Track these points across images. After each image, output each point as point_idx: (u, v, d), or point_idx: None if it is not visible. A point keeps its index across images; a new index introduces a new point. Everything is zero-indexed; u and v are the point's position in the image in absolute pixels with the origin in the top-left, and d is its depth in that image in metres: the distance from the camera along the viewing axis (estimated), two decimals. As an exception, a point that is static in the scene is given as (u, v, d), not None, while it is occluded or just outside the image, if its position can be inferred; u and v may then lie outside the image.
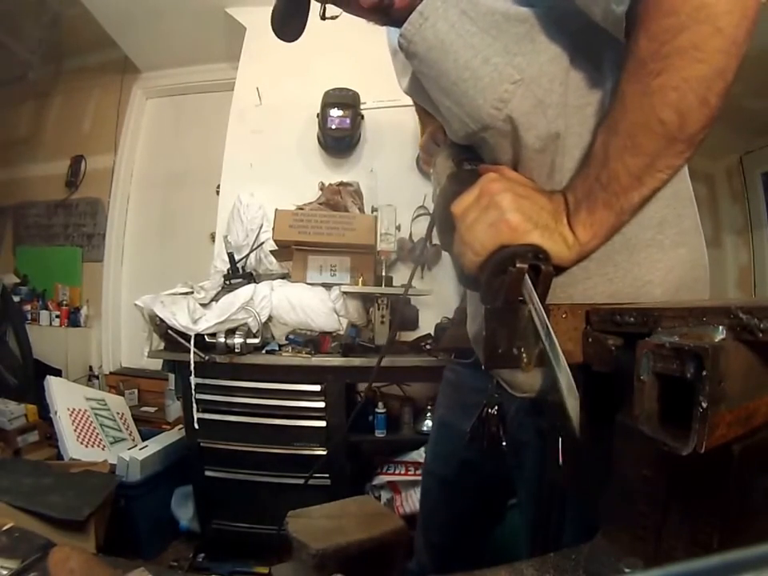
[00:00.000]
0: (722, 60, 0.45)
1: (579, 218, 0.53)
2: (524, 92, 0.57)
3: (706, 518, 0.41)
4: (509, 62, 0.56)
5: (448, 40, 0.57)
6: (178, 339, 1.89)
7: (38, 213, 3.62)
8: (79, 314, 3.32)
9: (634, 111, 0.48)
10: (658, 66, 0.46)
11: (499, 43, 0.56)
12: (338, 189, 2.39)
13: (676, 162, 0.49)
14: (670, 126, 0.47)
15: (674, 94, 0.46)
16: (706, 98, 0.46)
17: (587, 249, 0.53)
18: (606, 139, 0.51)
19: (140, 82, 3.46)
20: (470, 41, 0.57)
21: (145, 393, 3.08)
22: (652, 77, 0.46)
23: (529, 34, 0.56)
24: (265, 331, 2.01)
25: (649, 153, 0.48)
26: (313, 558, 0.96)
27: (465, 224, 0.53)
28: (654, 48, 0.46)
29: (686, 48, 0.44)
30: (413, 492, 1.99)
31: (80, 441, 2.23)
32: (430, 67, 0.60)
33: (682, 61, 0.45)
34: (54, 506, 1.62)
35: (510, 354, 0.49)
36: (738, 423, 0.36)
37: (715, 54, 0.44)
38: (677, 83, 0.45)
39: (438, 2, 0.58)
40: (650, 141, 0.48)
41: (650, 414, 0.38)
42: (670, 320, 0.40)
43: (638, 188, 0.50)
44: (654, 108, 0.47)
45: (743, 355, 0.36)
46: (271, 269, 2.31)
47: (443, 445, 1.03)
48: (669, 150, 0.48)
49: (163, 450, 2.13)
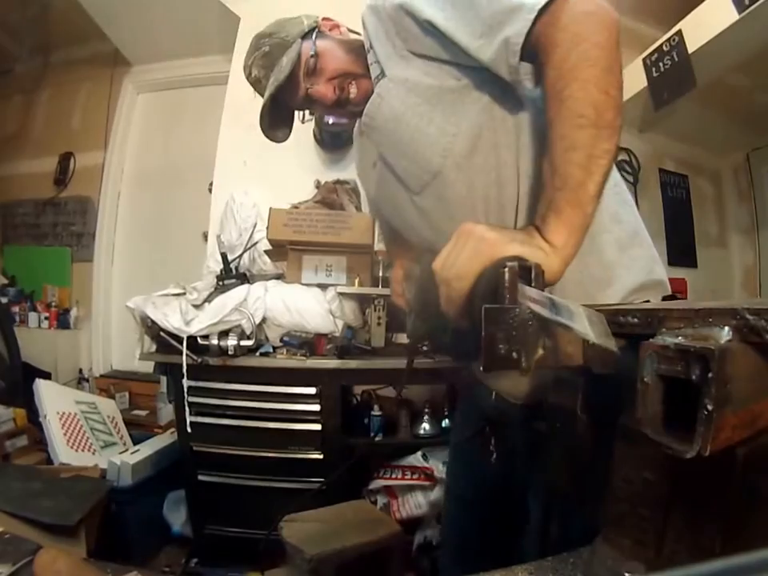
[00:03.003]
0: (606, 60, 0.60)
1: (549, 226, 0.59)
2: (461, 141, 0.75)
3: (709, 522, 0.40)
4: (447, 120, 0.75)
5: (400, 111, 0.77)
6: (169, 341, 1.87)
7: (25, 212, 3.58)
8: (69, 315, 3.29)
9: (561, 120, 0.61)
10: (563, 82, 0.60)
11: (438, 108, 0.75)
12: (334, 187, 2.37)
13: (607, 145, 0.59)
14: (589, 117, 0.59)
15: (582, 94, 0.59)
16: (606, 90, 0.59)
17: (566, 252, 0.59)
18: (549, 157, 0.62)
19: (131, 76, 3.43)
20: (417, 110, 0.76)
21: (136, 396, 3.05)
22: (563, 91, 0.60)
23: (459, 98, 0.74)
24: (259, 333, 1.99)
25: (585, 144, 0.59)
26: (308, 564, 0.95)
27: (447, 265, 0.57)
28: (557, 73, 0.61)
29: (577, 62, 0.60)
30: (409, 497, 1.98)
31: (70, 445, 2.20)
32: (388, 136, 0.80)
33: (578, 71, 0.60)
34: (44, 511, 1.60)
35: (509, 356, 0.48)
36: (743, 426, 0.36)
37: (599, 59, 0.59)
38: (581, 86, 0.59)
39: (390, 84, 0.77)
40: (580, 134, 0.59)
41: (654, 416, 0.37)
42: (674, 321, 0.39)
43: (589, 177, 0.59)
44: (572, 110, 0.59)
45: (749, 357, 0.36)
46: (265, 269, 2.29)
47: (461, 465, 1.05)
48: (598, 136, 0.59)
49: (155, 454, 2.11)
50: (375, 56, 0.80)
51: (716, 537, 0.40)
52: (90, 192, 3.40)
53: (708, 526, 0.40)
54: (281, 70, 0.85)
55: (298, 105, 0.92)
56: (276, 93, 0.86)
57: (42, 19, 3.28)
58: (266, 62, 0.89)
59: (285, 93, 0.87)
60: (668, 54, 2.11)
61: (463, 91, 0.74)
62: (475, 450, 0.96)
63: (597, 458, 0.50)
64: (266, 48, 0.90)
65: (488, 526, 1.02)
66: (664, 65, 2.15)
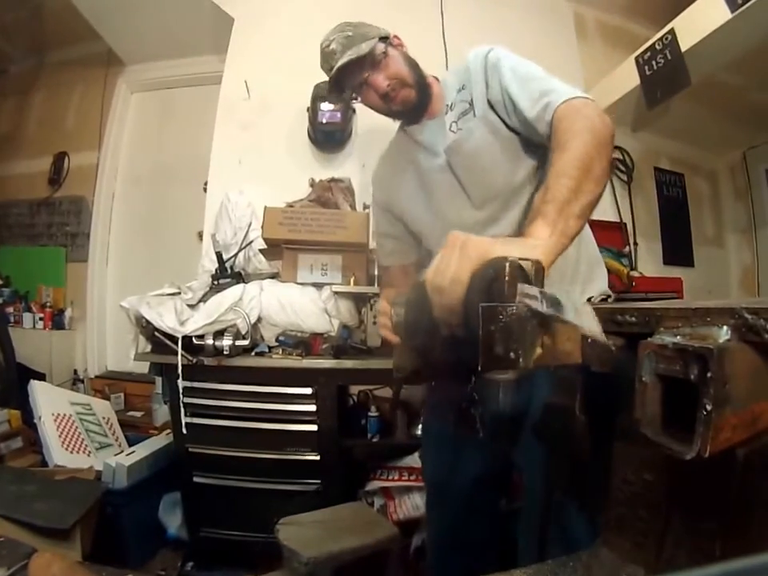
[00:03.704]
0: (601, 136, 0.80)
1: (535, 226, 0.67)
2: (518, 180, 1.06)
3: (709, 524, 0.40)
4: (510, 162, 1.06)
5: (482, 146, 1.05)
6: (165, 341, 1.86)
7: (19, 212, 3.55)
8: (63, 315, 3.26)
9: (561, 161, 0.76)
10: (569, 136, 0.81)
11: (506, 153, 1.05)
12: (329, 185, 2.36)
13: (594, 187, 0.75)
14: (583, 162, 0.75)
15: (581, 147, 0.77)
16: (598, 152, 0.77)
17: (551, 243, 0.66)
18: (544, 186, 0.75)
19: (125, 76, 3.41)
20: (493, 149, 1.05)
21: (131, 397, 3.03)
22: (567, 143, 0.79)
23: (518, 151, 1.05)
24: (254, 333, 1.98)
25: (576, 177, 0.73)
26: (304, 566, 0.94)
27: (439, 272, 0.60)
28: (566, 132, 0.83)
29: (582, 129, 0.81)
30: (406, 498, 1.97)
31: (65, 447, 2.19)
32: (468, 161, 1.07)
33: (580, 134, 0.80)
34: (39, 514, 1.60)
35: (507, 356, 0.47)
36: (743, 426, 0.35)
37: (597, 132, 0.80)
38: (581, 143, 0.78)
39: (480, 123, 1.05)
40: (574, 171, 0.74)
41: (652, 416, 0.37)
42: (672, 320, 0.39)
43: (576, 199, 0.71)
44: (570, 155, 0.77)
45: (748, 356, 0.35)
46: (260, 268, 2.28)
47: (441, 454, 1.17)
48: (587, 178, 0.74)
49: (150, 455, 2.09)
50: (470, 95, 1.06)
51: (716, 539, 0.39)
52: (84, 192, 3.37)
53: (708, 529, 0.40)
54: (359, 50, 1.04)
55: (352, 85, 1.09)
56: (344, 67, 1.04)
57: (36, 20, 3.27)
58: (346, 42, 1.05)
59: (348, 72, 1.06)
60: (661, 53, 2.11)
61: (519, 147, 1.04)
62: (458, 432, 1.07)
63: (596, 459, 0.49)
64: (349, 32, 1.06)
65: (473, 507, 1.15)
66: (657, 63, 2.16)
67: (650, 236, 2.92)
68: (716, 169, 3.33)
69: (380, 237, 1.33)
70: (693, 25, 1.98)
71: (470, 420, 1.07)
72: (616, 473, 0.47)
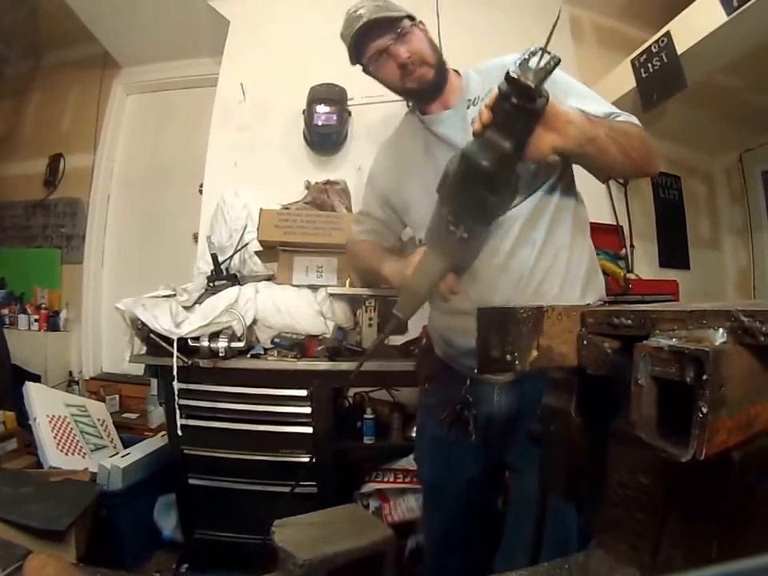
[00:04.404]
0: (649, 151, 1.03)
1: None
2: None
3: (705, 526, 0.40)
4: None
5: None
6: (160, 343, 1.85)
7: (15, 213, 3.54)
8: (58, 317, 3.25)
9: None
10: (618, 127, 0.97)
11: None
12: (324, 187, 2.36)
13: (619, 149, 0.93)
14: (626, 134, 0.96)
15: (631, 130, 1.00)
16: (640, 150, 0.99)
17: (579, 122, 0.85)
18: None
19: (120, 78, 3.40)
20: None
21: (126, 399, 3.02)
22: (618, 127, 0.96)
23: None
24: (249, 335, 1.97)
25: (614, 129, 0.94)
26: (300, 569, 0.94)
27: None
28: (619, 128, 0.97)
29: (630, 128, 1.01)
30: (401, 500, 1.97)
31: (60, 448, 2.18)
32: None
33: (636, 130, 1.01)
34: (34, 516, 1.60)
35: (503, 359, 0.47)
36: (738, 429, 0.35)
37: (648, 147, 1.02)
38: (627, 130, 0.98)
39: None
40: (616, 127, 0.95)
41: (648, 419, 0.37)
42: (668, 322, 0.39)
43: (595, 131, 0.88)
44: (619, 125, 0.99)
45: (744, 359, 0.35)
46: (256, 270, 2.27)
47: (436, 457, 1.20)
48: (622, 139, 0.93)
49: (146, 457, 2.08)
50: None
51: (712, 542, 0.39)
52: (79, 194, 3.36)
53: (704, 531, 0.40)
54: (389, 13, 1.05)
55: (373, 50, 1.07)
56: (370, 26, 1.04)
57: (32, 22, 3.26)
58: (375, 9, 1.05)
59: (372, 35, 1.06)
60: (657, 56, 2.12)
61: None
62: (452, 434, 1.11)
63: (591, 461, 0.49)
64: (379, 2, 1.07)
65: (469, 508, 1.17)
66: (653, 66, 2.16)
67: (647, 238, 2.92)
68: (712, 171, 3.34)
69: (363, 215, 1.31)
70: (689, 27, 1.99)
71: (463, 422, 1.09)
72: (611, 475, 0.47)
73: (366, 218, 1.29)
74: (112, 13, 2.84)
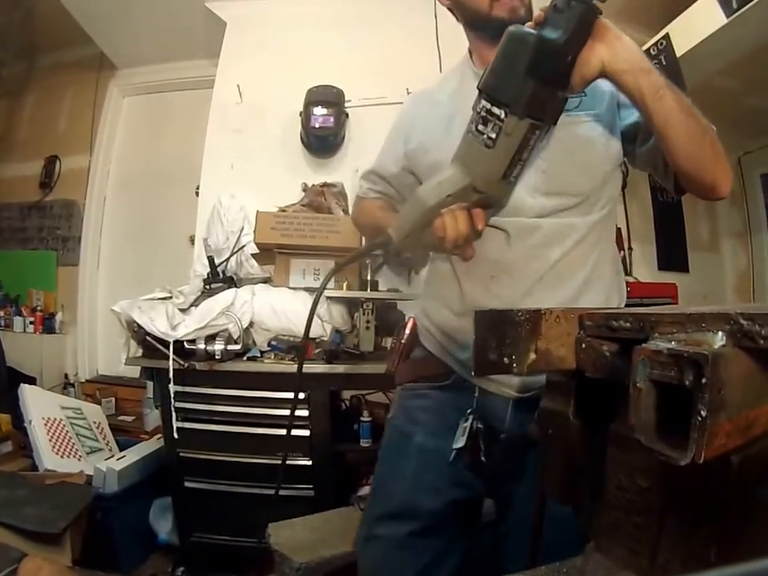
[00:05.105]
0: (715, 157, 0.89)
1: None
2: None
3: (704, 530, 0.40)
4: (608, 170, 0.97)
5: (593, 141, 0.93)
6: (156, 346, 1.85)
7: (10, 215, 3.53)
8: (54, 319, 3.23)
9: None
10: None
11: (609, 161, 0.96)
12: (321, 190, 2.36)
13: (697, 124, 0.86)
14: (694, 126, 0.86)
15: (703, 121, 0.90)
16: (709, 135, 0.89)
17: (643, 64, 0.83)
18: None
19: (116, 80, 3.39)
20: (599, 149, 0.94)
21: (122, 401, 3.01)
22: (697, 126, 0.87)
23: (616, 164, 1.00)
24: (246, 337, 1.97)
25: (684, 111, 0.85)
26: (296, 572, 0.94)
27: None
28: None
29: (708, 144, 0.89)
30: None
31: (55, 451, 2.17)
32: (570, 142, 0.91)
33: (703, 128, 0.88)
34: (29, 519, 1.59)
35: (501, 361, 0.47)
36: (737, 432, 0.35)
37: (711, 147, 0.89)
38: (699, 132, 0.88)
39: (594, 119, 0.94)
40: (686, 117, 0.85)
41: (647, 422, 0.36)
42: (667, 325, 0.39)
43: (658, 84, 0.83)
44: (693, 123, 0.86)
45: (743, 362, 0.35)
46: (253, 273, 2.27)
47: (431, 472, 0.96)
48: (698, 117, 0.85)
49: (141, 460, 2.07)
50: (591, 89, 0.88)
51: (711, 546, 0.39)
52: (75, 195, 3.35)
53: (703, 535, 0.39)
54: None
55: None
56: None
57: (28, 23, 3.25)
58: None
59: None
60: (656, 58, 2.12)
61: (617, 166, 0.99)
62: (464, 456, 0.93)
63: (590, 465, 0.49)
64: None
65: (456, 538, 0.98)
66: (652, 68, 2.16)
67: (645, 241, 2.92)
68: (711, 174, 3.35)
69: (375, 174, 1.16)
70: (688, 29, 1.98)
71: (476, 441, 0.92)
72: (610, 478, 0.46)
73: (378, 178, 1.15)
74: (108, 14, 2.83)
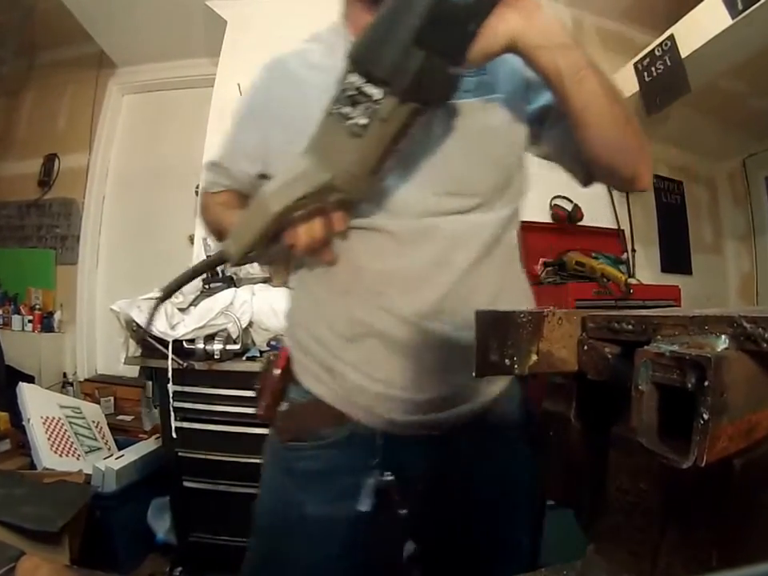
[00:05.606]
0: (636, 146, 0.74)
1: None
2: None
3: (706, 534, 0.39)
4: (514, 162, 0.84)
5: (503, 129, 0.79)
6: (155, 345, 1.84)
7: (9, 213, 3.53)
8: (53, 318, 3.23)
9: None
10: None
11: (516, 152, 0.84)
12: (320, 190, 2.35)
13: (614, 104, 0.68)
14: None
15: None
16: (626, 132, 0.71)
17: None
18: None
19: (116, 78, 3.39)
20: (510, 138, 0.81)
21: (121, 401, 3.00)
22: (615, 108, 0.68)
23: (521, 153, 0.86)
24: (245, 337, 1.96)
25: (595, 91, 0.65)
26: (294, 574, 0.93)
27: None
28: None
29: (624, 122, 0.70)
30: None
31: (54, 450, 2.17)
32: (477, 133, 0.76)
33: (627, 122, 0.70)
34: (27, 518, 1.58)
35: (502, 363, 0.47)
36: (739, 436, 0.35)
37: (633, 135, 0.73)
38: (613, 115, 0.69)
39: (503, 101, 0.79)
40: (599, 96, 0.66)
41: (648, 425, 0.36)
42: (670, 328, 0.38)
43: (578, 64, 0.62)
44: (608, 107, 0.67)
45: (746, 366, 0.35)
46: (252, 273, 2.26)
47: (326, 546, 0.83)
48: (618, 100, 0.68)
49: (140, 459, 2.07)
50: (495, 67, 0.75)
51: (712, 549, 0.39)
52: (74, 194, 3.35)
53: (704, 538, 0.39)
54: None
55: None
56: None
57: (27, 21, 3.24)
58: None
59: None
60: (660, 59, 2.11)
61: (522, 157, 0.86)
62: (378, 518, 0.79)
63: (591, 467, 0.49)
64: None
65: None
66: (656, 69, 2.14)
67: (648, 243, 2.92)
68: (715, 176, 3.33)
69: (220, 167, 0.96)
70: (693, 31, 1.97)
71: (390, 498, 0.79)
72: (611, 481, 0.46)
73: (224, 171, 0.94)
74: (108, 12, 2.83)
